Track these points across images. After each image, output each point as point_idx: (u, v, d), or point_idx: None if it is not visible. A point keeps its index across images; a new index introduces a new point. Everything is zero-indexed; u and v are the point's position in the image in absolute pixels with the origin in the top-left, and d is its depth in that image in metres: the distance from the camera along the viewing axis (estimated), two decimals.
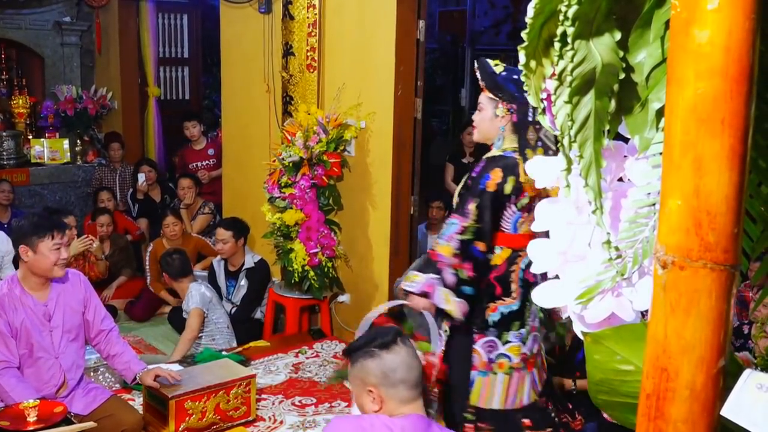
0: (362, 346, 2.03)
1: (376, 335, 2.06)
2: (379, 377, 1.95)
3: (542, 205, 0.94)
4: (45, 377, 3.13)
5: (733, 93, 0.66)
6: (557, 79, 0.79)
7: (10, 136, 6.94)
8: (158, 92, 7.85)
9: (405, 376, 1.95)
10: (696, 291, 0.69)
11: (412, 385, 1.97)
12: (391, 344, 1.99)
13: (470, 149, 6.33)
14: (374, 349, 1.98)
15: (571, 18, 0.75)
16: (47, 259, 3.06)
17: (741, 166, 0.67)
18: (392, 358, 1.96)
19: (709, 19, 0.65)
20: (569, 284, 0.88)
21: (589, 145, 0.79)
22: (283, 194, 4.61)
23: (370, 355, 1.97)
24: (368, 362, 1.97)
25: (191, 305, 4.54)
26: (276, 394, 3.98)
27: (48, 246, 3.06)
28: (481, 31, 10.39)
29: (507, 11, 9.82)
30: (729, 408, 0.73)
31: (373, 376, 1.96)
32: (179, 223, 5.69)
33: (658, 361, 0.71)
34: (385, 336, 2.02)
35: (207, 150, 6.75)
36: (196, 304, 4.54)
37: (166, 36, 8.17)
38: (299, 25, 4.91)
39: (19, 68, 7.63)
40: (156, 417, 3.38)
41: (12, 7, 7.22)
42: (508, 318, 2.97)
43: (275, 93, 5.24)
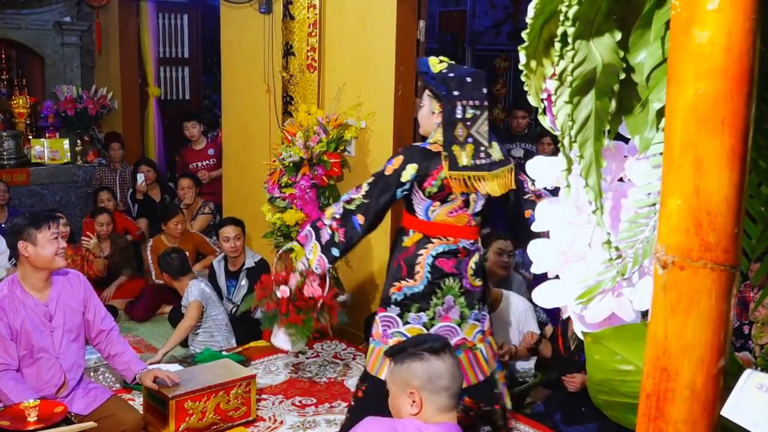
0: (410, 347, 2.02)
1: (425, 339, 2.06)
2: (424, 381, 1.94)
3: (542, 205, 0.94)
4: (45, 377, 3.13)
5: (733, 93, 0.66)
6: (558, 79, 0.79)
7: (11, 136, 6.94)
8: (158, 92, 7.85)
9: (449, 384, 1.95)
10: (696, 291, 0.69)
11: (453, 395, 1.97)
12: (440, 351, 1.98)
13: None
14: (424, 352, 1.97)
15: (572, 18, 0.75)
16: (47, 250, 3.07)
17: (741, 167, 0.67)
18: (440, 364, 1.96)
19: (709, 19, 0.65)
20: (569, 284, 0.88)
21: (589, 145, 0.79)
22: (283, 194, 4.61)
23: (419, 358, 1.96)
24: (416, 364, 1.96)
25: (190, 298, 4.57)
26: (276, 394, 3.98)
27: (46, 237, 3.07)
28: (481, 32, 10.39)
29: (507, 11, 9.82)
30: (729, 408, 0.73)
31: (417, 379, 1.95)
32: (185, 221, 5.77)
33: (658, 361, 0.71)
34: (435, 342, 2.02)
35: (207, 150, 6.76)
36: (195, 297, 4.57)
37: (167, 36, 8.17)
38: (299, 25, 4.91)
39: (20, 68, 7.63)
40: (156, 417, 3.38)
41: (12, 7, 7.22)
42: (411, 299, 3.11)
43: (275, 93, 5.24)
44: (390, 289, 3.15)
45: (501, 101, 10.33)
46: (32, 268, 3.11)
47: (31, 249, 3.06)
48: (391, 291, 3.14)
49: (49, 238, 3.07)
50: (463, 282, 3.15)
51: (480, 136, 3.06)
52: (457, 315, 3.15)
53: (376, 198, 3.09)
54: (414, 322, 3.12)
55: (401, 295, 3.13)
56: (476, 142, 3.05)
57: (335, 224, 3.11)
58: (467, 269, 3.16)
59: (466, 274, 3.16)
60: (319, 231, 3.14)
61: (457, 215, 3.13)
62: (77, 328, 3.25)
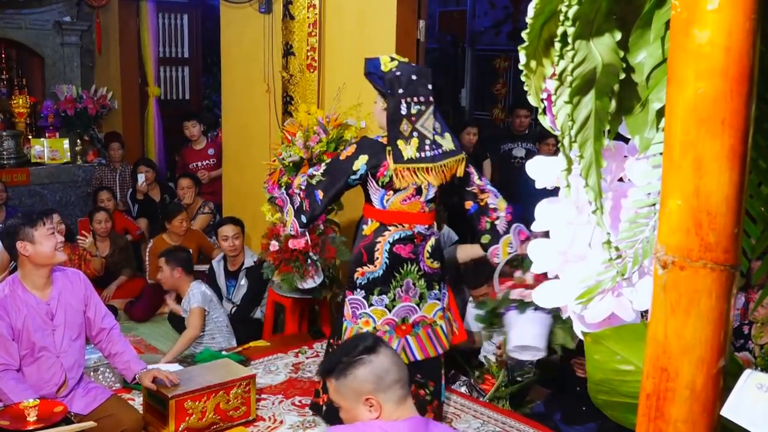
0: (343, 358, 1.94)
1: (355, 343, 1.98)
2: (375, 383, 1.88)
3: (542, 205, 0.94)
4: (46, 376, 3.14)
5: (733, 93, 0.66)
6: (557, 79, 0.79)
7: (10, 135, 6.94)
8: (158, 92, 7.85)
9: (398, 375, 1.90)
10: (696, 291, 0.69)
11: (404, 383, 1.92)
12: (376, 347, 1.93)
13: (469, 150, 6.33)
14: (362, 356, 1.91)
15: (572, 18, 0.75)
16: (46, 246, 3.08)
17: (741, 167, 0.67)
18: (382, 359, 1.91)
19: (709, 19, 0.65)
20: (569, 284, 0.88)
21: (589, 145, 0.79)
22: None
23: (361, 363, 1.90)
24: (360, 370, 1.90)
25: (193, 304, 4.55)
26: (276, 394, 3.98)
27: (43, 233, 3.09)
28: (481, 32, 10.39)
29: (507, 11, 9.82)
30: (729, 408, 0.73)
31: (368, 384, 1.89)
32: (188, 220, 5.77)
33: (658, 361, 0.71)
34: (365, 341, 1.96)
35: (207, 150, 6.76)
36: (197, 302, 4.55)
37: (167, 36, 8.17)
38: (299, 25, 4.91)
39: (20, 68, 7.63)
40: (156, 417, 3.39)
41: (12, 6, 7.22)
42: (372, 283, 3.37)
43: (275, 93, 5.24)
44: (354, 275, 3.40)
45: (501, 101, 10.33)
46: (33, 267, 3.12)
47: (30, 247, 3.07)
48: (356, 276, 3.40)
49: (46, 233, 3.09)
50: (420, 265, 3.40)
51: (425, 130, 3.29)
52: (416, 295, 3.41)
53: (330, 179, 3.36)
54: (377, 304, 3.38)
55: (364, 280, 3.38)
56: (421, 135, 3.27)
57: (302, 194, 3.40)
58: (424, 253, 3.40)
59: (423, 258, 3.40)
60: (292, 197, 3.44)
61: (410, 203, 3.35)
62: (78, 326, 3.25)
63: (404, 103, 3.25)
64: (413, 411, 1.95)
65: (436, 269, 3.44)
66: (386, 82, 3.31)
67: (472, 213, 3.51)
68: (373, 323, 3.39)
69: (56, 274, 3.22)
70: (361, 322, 3.39)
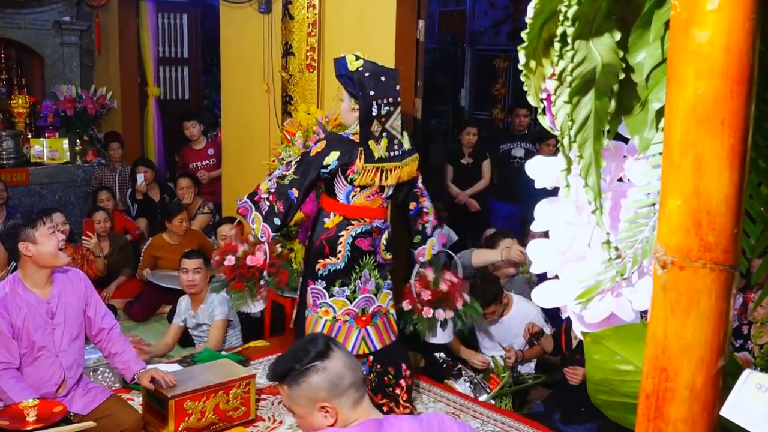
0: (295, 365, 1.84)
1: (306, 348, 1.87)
2: (329, 389, 1.80)
3: (542, 204, 0.94)
4: (45, 375, 3.14)
5: (733, 93, 0.66)
6: (557, 79, 0.79)
7: (10, 135, 6.95)
8: (158, 92, 7.85)
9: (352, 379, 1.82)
10: (696, 291, 0.69)
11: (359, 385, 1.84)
12: (328, 351, 1.84)
13: (469, 150, 6.33)
14: (315, 363, 1.82)
15: (571, 18, 0.75)
16: (48, 246, 3.09)
17: (741, 167, 0.67)
18: (335, 364, 1.82)
19: (709, 19, 0.65)
20: (569, 284, 0.88)
21: (588, 145, 0.79)
22: None
23: (314, 371, 1.81)
24: (313, 377, 1.81)
25: (218, 316, 4.46)
26: (276, 394, 3.97)
27: (44, 233, 3.09)
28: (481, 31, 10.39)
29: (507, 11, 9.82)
30: (728, 408, 0.73)
31: (323, 391, 1.80)
32: (187, 220, 5.76)
33: (657, 361, 0.71)
34: (315, 345, 1.86)
35: (207, 150, 6.76)
36: (224, 314, 4.47)
37: (166, 36, 8.17)
38: (299, 25, 4.91)
39: (19, 68, 7.63)
40: (155, 417, 3.38)
41: (12, 6, 7.22)
42: (334, 275, 3.50)
43: (275, 93, 5.24)
44: (316, 266, 3.53)
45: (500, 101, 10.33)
46: (35, 267, 3.12)
47: (32, 248, 3.07)
48: (317, 267, 3.52)
49: (47, 233, 3.09)
50: (376, 257, 3.57)
51: (394, 131, 3.43)
52: (373, 286, 3.59)
53: (303, 175, 3.46)
54: (338, 294, 3.54)
55: (326, 271, 3.51)
56: (390, 136, 3.42)
57: (272, 197, 3.45)
58: (380, 245, 3.57)
59: (379, 250, 3.58)
60: (258, 204, 3.50)
61: (373, 199, 3.52)
62: (78, 326, 3.25)
63: (375, 105, 3.38)
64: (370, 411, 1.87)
65: (388, 260, 3.65)
66: (356, 82, 3.43)
67: (413, 214, 3.72)
68: (333, 312, 3.54)
69: (57, 274, 3.22)
70: (320, 311, 3.54)
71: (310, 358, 1.83)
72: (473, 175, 6.30)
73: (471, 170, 6.32)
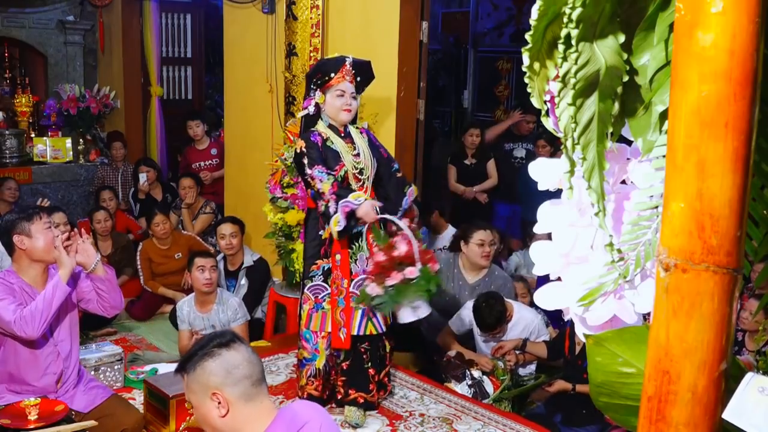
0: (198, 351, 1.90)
1: (211, 338, 1.93)
2: (222, 376, 1.84)
3: (545, 206, 0.94)
4: (43, 365, 3.13)
5: (736, 96, 0.66)
6: (561, 81, 0.79)
7: (13, 134, 6.95)
8: (161, 92, 7.86)
9: (249, 372, 1.86)
10: (698, 294, 0.69)
11: (256, 381, 1.87)
12: (230, 342, 1.89)
13: (472, 151, 6.33)
14: (213, 349, 1.87)
15: (575, 20, 0.75)
16: (42, 240, 3.08)
17: (744, 170, 0.67)
18: (233, 354, 1.86)
19: (713, 22, 0.65)
20: (571, 286, 0.88)
21: (592, 147, 0.79)
22: (285, 194, 4.61)
23: (210, 356, 1.86)
24: (208, 363, 1.85)
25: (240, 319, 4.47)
26: (276, 394, 3.97)
27: (39, 227, 3.08)
28: (484, 33, 10.39)
29: (510, 13, 9.82)
30: (731, 411, 0.73)
31: (215, 377, 1.84)
32: (168, 221, 5.63)
33: (659, 363, 0.71)
34: (222, 337, 1.92)
35: (210, 150, 6.76)
36: (246, 316, 4.52)
37: (169, 35, 8.18)
38: (302, 25, 4.91)
39: (23, 67, 7.64)
40: (157, 416, 3.39)
41: (15, 5, 7.23)
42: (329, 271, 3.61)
43: (278, 93, 5.25)
44: (311, 267, 3.64)
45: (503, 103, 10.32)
46: (29, 261, 3.12)
47: (27, 241, 3.07)
48: (312, 269, 3.64)
49: (42, 228, 3.09)
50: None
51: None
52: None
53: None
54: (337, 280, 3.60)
55: (320, 270, 3.62)
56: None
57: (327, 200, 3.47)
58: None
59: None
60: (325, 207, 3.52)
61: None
62: (73, 316, 3.25)
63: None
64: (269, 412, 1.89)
65: None
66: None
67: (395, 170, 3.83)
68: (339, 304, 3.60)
69: (52, 270, 3.21)
70: (325, 304, 3.62)
71: (211, 345, 1.88)
72: (477, 176, 6.30)
73: (474, 171, 6.32)
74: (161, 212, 5.68)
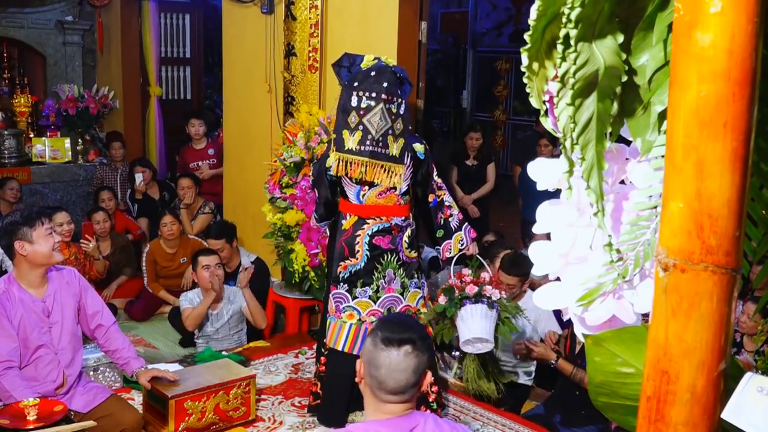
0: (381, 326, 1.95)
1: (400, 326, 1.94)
2: (367, 362, 1.90)
3: (544, 207, 0.94)
4: (44, 373, 3.13)
5: (735, 96, 0.66)
6: (560, 81, 0.79)
7: (12, 134, 6.95)
8: (160, 92, 7.86)
9: (384, 379, 1.86)
10: (697, 294, 0.69)
11: (388, 390, 1.87)
12: (390, 344, 1.88)
13: (474, 152, 6.33)
14: (378, 335, 1.90)
15: (574, 20, 0.75)
16: (44, 246, 3.09)
17: (743, 170, 0.67)
18: (382, 355, 1.87)
19: (712, 22, 0.65)
20: (570, 286, 0.88)
21: (591, 147, 0.79)
22: (284, 195, 4.61)
23: (372, 339, 1.91)
24: (369, 342, 1.91)
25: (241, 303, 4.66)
26: (276, 394, 3.98)
27: (41, 233, 3.09)
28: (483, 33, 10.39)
29: (509, 13, 9.83)
30: (730, 411, 0.73)
31: (364, 355, 1.92)
32: (177, 223, 5.61)
33: (658, 363, 0.71)
34: (397, 333, 1.90)
35: (207, 150, 6.76)
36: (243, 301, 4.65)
37: (168, 36, 8.18)
38: (301, 25, 4.91)
39: (21, 67, 7.64)
40: (156, 416, 3.39)
41: (14, 5, 7.23)
42: (354, 276, 3.51)
43: (277, 93, 5.25)
44: (337, 269, 3.53)
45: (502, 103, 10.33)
46: (29, 266, 3.11)
47: (28, 247, 3.07)
48: (338, 270, 3.52)
49: (44, 234, 3.09)
50: (399, 255, 3.55)
51: (370, 126, 3.37)
52: (398, 285, 3.57)
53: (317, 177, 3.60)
54: (361, 296, 3.52)
55: (347, 273, 3.51)
56: (365, 130, 3.37)
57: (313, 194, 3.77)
58: (402, 243, 3.55)
59: (401, 248, 3.55)
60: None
61: (386, 196, 3.49)
62: (75, 323, 3.25)
63: (356, 96, 3.38)
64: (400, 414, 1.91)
65: (413, 259, 3.62)
66: (351, 75, 3.46)
67: (433, 206, 3.68)
68: (358, 315, 3.53)
69: (51, 273, 3.21)
70: (344, 315, 3.53)
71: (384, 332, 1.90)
72: (478, 178, 6.29)
73: (475, 173, 6.31)
74: (170, 213, 5.67)
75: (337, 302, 3.54)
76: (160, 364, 4.05)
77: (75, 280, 3.29)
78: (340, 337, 3.53)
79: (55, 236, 3.15)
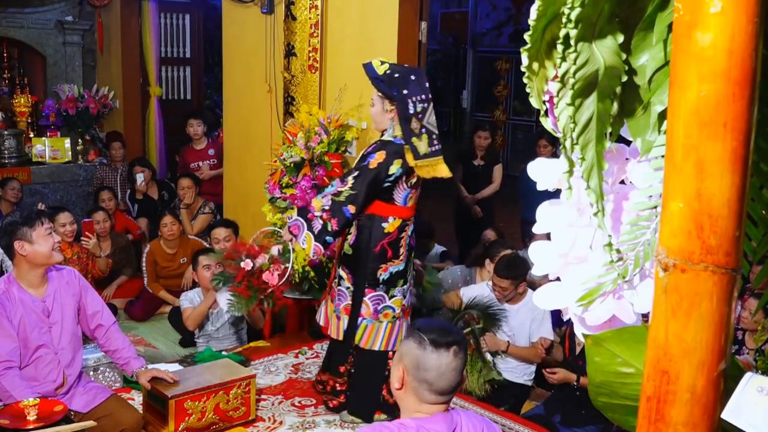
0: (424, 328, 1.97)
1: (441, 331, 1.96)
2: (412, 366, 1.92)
3: (544, 207, 0.94)
4: (44, 373, 3.13)
5: (735, 96, 0.66)
6: (560, 81, 0.79)
7: (12, 134, 6.95)
8: (160, 92, 7.86)
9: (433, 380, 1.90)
10: (697, 294, 0.69)
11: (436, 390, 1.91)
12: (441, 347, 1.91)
13: (482, 152, 6.32)
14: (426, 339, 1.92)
15: (574, 20, 0.75)
16: (44, 246, 3.09)
17: (743, 170, 0.67)
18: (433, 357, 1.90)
19: (712, 22, 0.65)
20: (570, 286, 0.88)
21: (591, 147, 0.79)
22: (284, 195, 4.61)
23: (419, 342, 1.92)
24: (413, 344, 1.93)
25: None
26: (276, 394, 3.97)
27: (41, 233, 3.09)
28: (483, 33, 10.40)
29: (509, 13, 9.83)
30: (730, 411, 0.73)
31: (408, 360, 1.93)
32: (177, 224, 5.62)
33: (658, 363, 0.71)
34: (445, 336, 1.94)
35: (207, 150, 6.76)
36: None
37: (168, 36, 8.18)
38: (301, 25, 4.91)
39: (21, 67, 7.64)
40: (156, 416, 3.38)
41: (14, 6, 7.23)
42: (395, 276, 3.58)
43: (277, 93, 5.25)
44: (378, 271, 3.55)
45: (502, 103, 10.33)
46: (29, 266, 3.12)
47: (28, 247, 3.07)
48: (379, 273, 3.55)
49: (43, 234, 3.09)
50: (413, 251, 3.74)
51: (431, 126, 3.46)
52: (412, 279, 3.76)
53: (363, 189, 3.45)
54: (398, 294, 3.61)
55: (387, 275, 3.56)
56: (429, 132, 3.46)
57: (326, 215, 3.45)
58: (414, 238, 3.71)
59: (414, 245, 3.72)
60: (311, 222, 3.46)
61: (415, 198, 3.64)
62: (75, 323, 3.25)
63: (411, 103, 3.42)
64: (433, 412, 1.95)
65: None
66: (387, 83, 3.48)
67: None
68: (393, 312, 3.60)
69: (51, 273, 3.21)
70: (381, 315, 3.59)
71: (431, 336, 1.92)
72: (484, 178, 6.29)
73: (482, 173, 6.31)
74: (170, 213, 5.66)
75: (375, 304, 3.56)
76: (160, 364, 4.04)
77: (75, 280, 3.29)
78: (377, 339, 3.59)
79: (55, 236, 3.15)
